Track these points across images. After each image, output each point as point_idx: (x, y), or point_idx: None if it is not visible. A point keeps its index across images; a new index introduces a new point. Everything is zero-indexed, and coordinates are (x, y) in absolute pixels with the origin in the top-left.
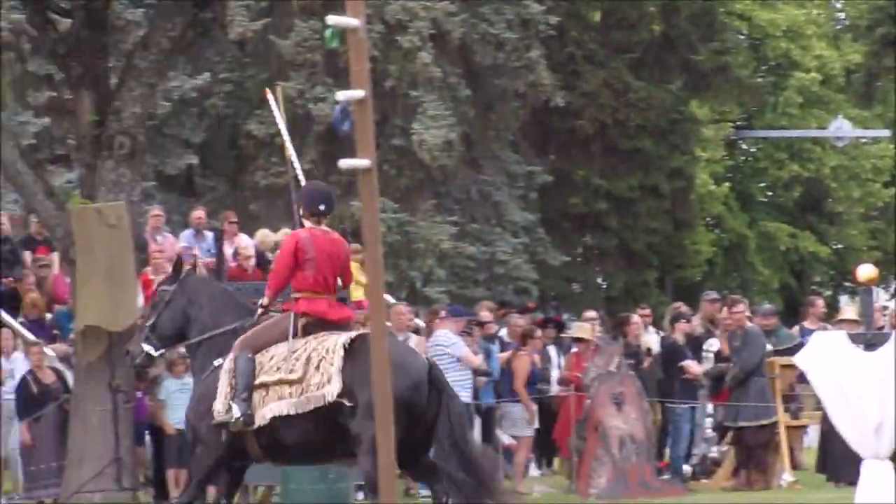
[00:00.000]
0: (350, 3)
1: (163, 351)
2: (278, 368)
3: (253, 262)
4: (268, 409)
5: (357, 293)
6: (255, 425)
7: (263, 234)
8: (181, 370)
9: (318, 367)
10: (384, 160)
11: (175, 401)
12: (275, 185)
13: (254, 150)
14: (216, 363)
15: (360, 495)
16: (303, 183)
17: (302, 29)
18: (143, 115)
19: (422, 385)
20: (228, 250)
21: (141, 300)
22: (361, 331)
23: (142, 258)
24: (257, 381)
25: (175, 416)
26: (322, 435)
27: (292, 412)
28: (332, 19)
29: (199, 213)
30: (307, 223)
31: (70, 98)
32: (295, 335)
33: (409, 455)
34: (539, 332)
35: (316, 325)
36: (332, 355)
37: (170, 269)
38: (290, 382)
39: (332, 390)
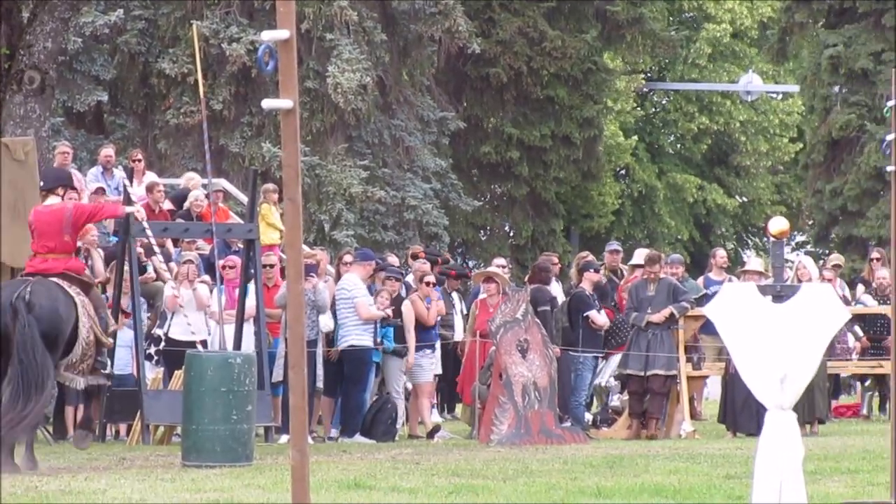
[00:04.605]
0: None
1: None
2: None
3: (164, 201)
4: None
5: (272, 236)
6: None
7: (190, 176)
8: None
9: None
10: (298, 102)
11: None
12: (185, 124)
13: (164, 88)
14: None
15: (284, 437)
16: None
17: None
18: (54, 50)
19: (3, 313)
20: (136, 189)
21: None
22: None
23: None
24: None
25: None
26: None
27: None
28: None
29: (107, 151)
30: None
31: None
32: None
33: None
34: (430, 279)
35: (27, 274)
36: None
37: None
38: None
39: None
